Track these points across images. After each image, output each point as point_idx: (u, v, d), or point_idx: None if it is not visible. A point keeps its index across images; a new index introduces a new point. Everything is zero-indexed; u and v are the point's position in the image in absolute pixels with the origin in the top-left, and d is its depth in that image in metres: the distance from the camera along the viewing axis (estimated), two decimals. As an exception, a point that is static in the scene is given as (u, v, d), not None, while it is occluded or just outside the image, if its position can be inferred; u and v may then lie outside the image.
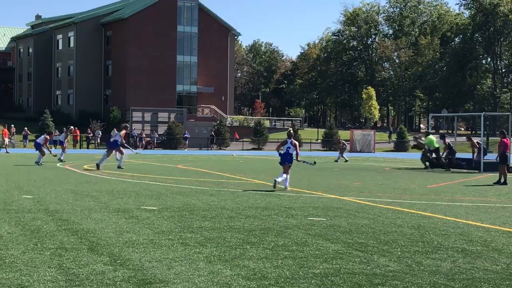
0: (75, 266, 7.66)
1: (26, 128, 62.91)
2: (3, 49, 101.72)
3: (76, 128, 66.96)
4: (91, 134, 67.43)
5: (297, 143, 19.25)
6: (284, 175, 18.66)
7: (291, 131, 19.77)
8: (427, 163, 32.36)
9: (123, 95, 78.73)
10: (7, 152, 48.12)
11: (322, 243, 9.59)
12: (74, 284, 6.79)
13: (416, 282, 7.21)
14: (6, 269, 7.42)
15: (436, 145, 32.69)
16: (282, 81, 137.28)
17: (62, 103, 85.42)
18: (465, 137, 39.32)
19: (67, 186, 18.51)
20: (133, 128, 69.71)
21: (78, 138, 66.53)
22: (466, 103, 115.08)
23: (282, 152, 19.10)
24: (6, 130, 51.94)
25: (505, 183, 22.35)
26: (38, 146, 31.67)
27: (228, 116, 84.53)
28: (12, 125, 61.79)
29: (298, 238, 9.94)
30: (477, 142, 32.10)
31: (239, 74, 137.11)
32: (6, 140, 50.58)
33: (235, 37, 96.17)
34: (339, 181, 22.94)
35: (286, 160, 18.95)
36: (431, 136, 33.47)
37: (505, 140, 23.87)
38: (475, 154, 32.09)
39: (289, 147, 19.00)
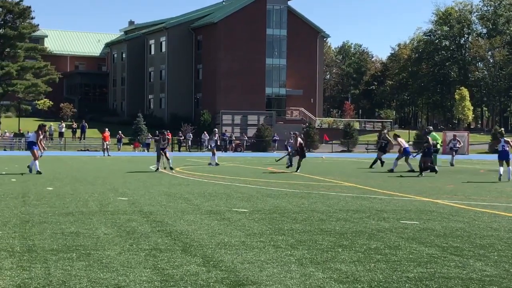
0: (169, 267, 7.79)
1: (120, 132, 64.59)
2: (98, 54, 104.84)
3: (168, 131, 68.23)
4: (183, 137, 68.57)
5: (509, 140, 24.42)
6: (501, 169, 23.97)
7: (502, 131, 27.53)
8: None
9: (213, 98, 79.75)
10: (108, 155, 49.40)
11: (416, 246, 9.43)
12: (169, 285, 6.91)
13: (515, 288, 7.00)
14: (103, 269, 7.62)
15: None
16: (372, 82, 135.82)
17: (154, 107, 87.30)
18: None
19: (160, 188, 18.87)
20: (224, 130, 70.51)
21: (170, 141, 67.72)
22: None
23: (499, 149, 24.33)
24: (107, 134, 53.26)
25: None
26: (30, 146, 25.89)
27: (317, 118, 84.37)
28: (106, 129, 63.58)
29: (390, 242, 9.81)
30: None
31: (328, 76, 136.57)
32: (106, 143, 51.77)
33: (324, 39, 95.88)
34: (432, 183, 22.51)
35: (503, 156, 24.18)
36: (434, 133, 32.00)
37: None
38: None
39: (503, 145, 24.18)
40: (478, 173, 30.44)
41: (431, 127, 34.37)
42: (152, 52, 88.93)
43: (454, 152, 37.67)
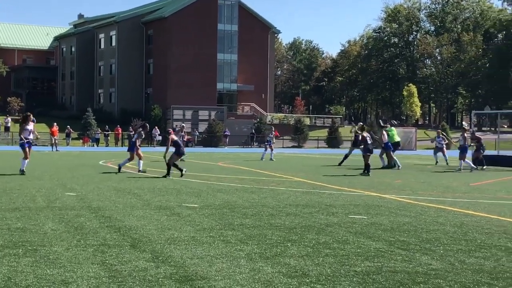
0: (117, 262, 7.74)
1: (69, 126, 63.80)
2: (46, 48, 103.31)
3: (118, 126, 67.75)
4: (133, 132, 68.05)
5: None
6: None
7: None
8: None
9: (164, 93, 79.33)
10: (57, 150, 48.82)
11: (364, 241, 9.54)
12: (116, 281, 6.86)
13: (459, 280, 7.13)
14: (50, 265, 7.52)
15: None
16: (322, 78, 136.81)
17: (104, 102, 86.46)
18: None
19: (110, 183, 18.71)
20: (175, 125, 70.17)
21: (120, 136, 67.24)
22: (510, 100, 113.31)
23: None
24: (55, 128, 52.59)
25: None
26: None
27: (268, 113, 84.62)
28: (55, 124, 62.71)
29: (339, 236, 9.91)
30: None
31: (279, 72, 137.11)
32: (54, 138, 51.18)
33: (275, 34, 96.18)
34: (380, 179, 22.79)
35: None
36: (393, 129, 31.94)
37: None
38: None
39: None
40: (425, 168, 30.90)
41: (394, 121, 34.18)
42: (102, 46, 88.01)
43: (441, 150, 35.28)
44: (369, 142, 25.39)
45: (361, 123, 31.81)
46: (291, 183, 19.92)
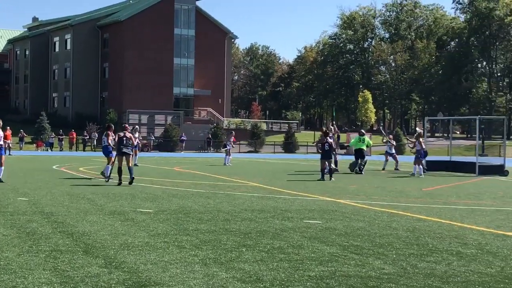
0: (70, 268, 7.65)
1: (22, 130, 62.87)
2: (0, 51, 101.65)
3: (73, 130, 67.04)
4: (88, 137, 67.42)
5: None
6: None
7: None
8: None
9: (119, 97, 78.73)
10: (10, 154, 47.99)
11: (318, 245, 9.60)
12: (68, 287, 6.78)
13: (411, 284, 7.22)
14: (0, 271, 7.40)
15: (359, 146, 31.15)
16: (279, 84, 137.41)
17: (58, 106, 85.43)
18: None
19: (63, 188, 18.50)
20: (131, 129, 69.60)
21: (75, 140, 66.53)
22: (462, 106, 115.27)
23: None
24: (8, 132, 51.73)
25: None
26: None
27: (225, 118, 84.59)
28: (8, 128, 61.72)
29: (293, 241, 9.95)
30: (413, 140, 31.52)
31: (236, 77, 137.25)
32: (8, 142, 50.27)
33: (232, 40, 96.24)
34: (335, 184, 22.95)
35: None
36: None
37: None
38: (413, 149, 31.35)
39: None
40: (380, 173, 31.21)
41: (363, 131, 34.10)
42: (57, 50, 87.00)
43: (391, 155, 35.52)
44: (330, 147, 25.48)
45: (325, 128, 32.20)
46: (247, 188, 19.93)
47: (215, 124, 76.80)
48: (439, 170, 33.12)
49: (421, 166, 29.04)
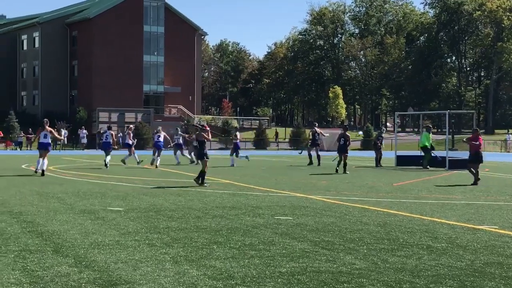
0: (39, 268, 7.58)
1: None
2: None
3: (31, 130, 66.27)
4: (35, 136, 66.72)
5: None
6: None
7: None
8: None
9: (89, 95, 78.15)
10: None
11: (289, 242, 9.61)
12: (38, 287, 6.71)
13: (382, 279, 7.25)
14: (-32, 272, 7.31)
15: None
16: (249, 80, 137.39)
17: (27, 104, 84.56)
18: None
19: (32, 187, 18.32)
20: (99, 128, 69.27)
21: (33, 141, 65.84)
22: (432, 101, 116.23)
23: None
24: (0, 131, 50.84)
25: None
26: None
27: (196, 115, 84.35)
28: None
29: (265, 237, 9.95)
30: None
31: (206, 73, 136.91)
32: None
33: (202, 36, 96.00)
34: (306, 179, 23.01)
35: None
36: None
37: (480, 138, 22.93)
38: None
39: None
40: (350, 169, 31.33)
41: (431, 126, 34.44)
42: (25, 48, 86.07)
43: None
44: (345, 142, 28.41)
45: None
46: (218, 185, 19.90)
47: (185, 121, 76.52)
48: (410, 165, 33.37)
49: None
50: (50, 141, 25.28)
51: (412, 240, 9.92)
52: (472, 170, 21.95)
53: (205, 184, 19.46)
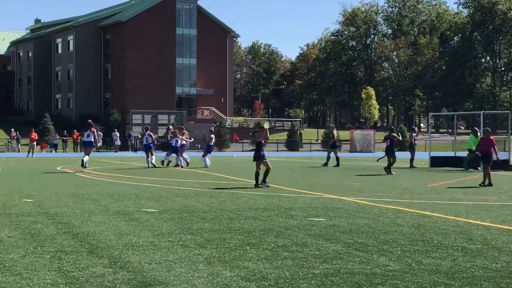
0: (75, 269, 7.66)
1: (12, 129, 62.46)
2: (3, 53, 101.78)
3: (76, 131, 66.91)
4: (81, 136, 67.31)
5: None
6: None
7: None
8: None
9: (122, 98, 78.81)
10: (32, 156, 47.61)
11: (322, 243, 9.58)
12: (74, 287, 6.78)
13: (416, 281, 7.20)
14: (6, 272, 7.41)
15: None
16: (281, 82, 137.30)
17: (62, 107, 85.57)
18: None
19: (68, 189, 18.51)
20: (131, 130, 69.76)
21: (79, 141, 66.46)
22: (466, 101, 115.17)
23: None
24: (34, 134, 51.47)
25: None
26: None
27: (228, 117, 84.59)
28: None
29: (298, 239, 9.94)
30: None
31: (239, 75, 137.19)
32: (33, 144, 50.12)
33: (234, 38, 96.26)
34: (339, 181, 22.93)
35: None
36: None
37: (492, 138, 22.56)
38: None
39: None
40: (384, 170, 31.13)
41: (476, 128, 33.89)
42: (60, 51, 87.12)
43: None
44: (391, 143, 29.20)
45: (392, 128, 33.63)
46: (251, 187, 19.90)
47: (218, 123, 76.74)
48: (444, 166, 33.09)
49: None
50: (92, 140, 28.79)
51: (447, 241, 9.83)
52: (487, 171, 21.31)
53: (266, 184, 19.51)
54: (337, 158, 33.47)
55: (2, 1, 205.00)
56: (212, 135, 34.00)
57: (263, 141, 20.31)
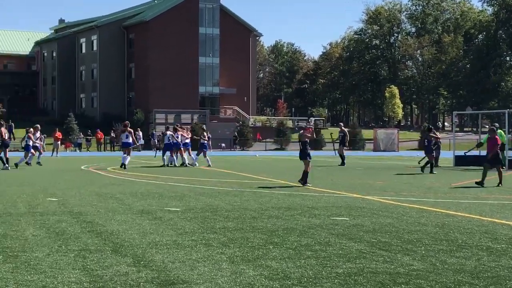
0: (99, 267, 7.71)
1: (57, 129, 62.96)
2: (27, 53, 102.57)
3: (99, 130, 67.36)
4: (115, 137, 67.74)
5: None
6: None
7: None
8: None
9: (146, 97, 79.14)
10: (57, 155, 47.91)
11: (345, 242, 9.56)
12: (97, 286, 6.83)
13: (441, 280, 7.16)
14: (31, 271, 7.48)
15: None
16: (304, 81, 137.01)
17: (86, 106, 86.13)
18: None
19: (92, 188, 18.63)
20: (154, 129, 70.04)
21: (102, 140, 66.93)
22: (491, 100, 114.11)
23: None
24: (58, 133, 51.89)
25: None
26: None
27: (251, 116, 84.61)
28: (57, 128, 62.20)
29: (321, 238, 9.92)
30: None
31: (261, 74, 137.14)
32: (57, 143, 50.49)
33: (257, 37, 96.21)
34: (363, 180, 22.85)
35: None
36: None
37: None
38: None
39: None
40: (408, 169, 31.01)
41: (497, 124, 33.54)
42: (83, 51, 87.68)
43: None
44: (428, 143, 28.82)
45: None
46: (274, 186, 19.91)
47: (241, 122, 76.83)
48: (469, 165, 32.85)
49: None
50: (131, 140, 29.74)
51: (471, 241, 9.76)
52: (486, 171, 20.87)
53: (308, 184, 19.58)
54: (341, 156, 33.45)
55: (27, 2, 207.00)
56: (205, 133, 33.60)
57: (307, 141, 20.35)
